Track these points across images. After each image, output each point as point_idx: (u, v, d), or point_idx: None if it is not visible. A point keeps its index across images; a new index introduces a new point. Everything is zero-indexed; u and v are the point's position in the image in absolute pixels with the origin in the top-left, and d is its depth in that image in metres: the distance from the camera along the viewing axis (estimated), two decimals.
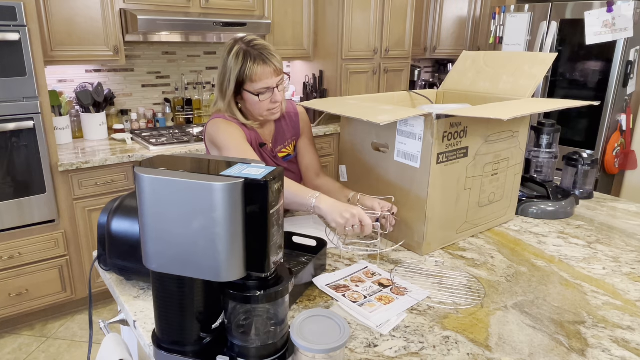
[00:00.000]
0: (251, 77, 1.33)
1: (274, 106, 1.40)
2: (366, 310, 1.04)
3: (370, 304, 1.07)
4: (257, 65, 1.32)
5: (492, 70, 1.67)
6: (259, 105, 1.37)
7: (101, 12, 2.50)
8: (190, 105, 3.18)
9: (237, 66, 1.33)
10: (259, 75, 1.33)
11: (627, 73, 3.14)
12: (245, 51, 1.33)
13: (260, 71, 1.33)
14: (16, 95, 2.14)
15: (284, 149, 1.55)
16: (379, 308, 1.06)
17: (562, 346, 0.95)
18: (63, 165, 2.28)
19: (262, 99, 1.36)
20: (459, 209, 1.39)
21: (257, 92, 1.35)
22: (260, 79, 1.33)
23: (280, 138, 1.54)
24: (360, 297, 1.10)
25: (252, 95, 1.35)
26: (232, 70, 1.34)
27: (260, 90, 1.35)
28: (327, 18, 3.28)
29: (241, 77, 1.34)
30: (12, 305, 2.35)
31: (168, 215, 0.71)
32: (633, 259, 1.34)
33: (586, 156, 1.82)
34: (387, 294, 1.12)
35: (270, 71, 1.34)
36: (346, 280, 1.18)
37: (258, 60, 1.32)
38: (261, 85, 1.34)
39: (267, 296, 0.75)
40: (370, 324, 1.00)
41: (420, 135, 1.26)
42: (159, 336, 0.82)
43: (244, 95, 1.37)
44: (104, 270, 1.17)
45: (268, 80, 1.34)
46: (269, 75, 1.34)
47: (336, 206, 1.23)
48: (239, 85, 1.36)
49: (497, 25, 3.58)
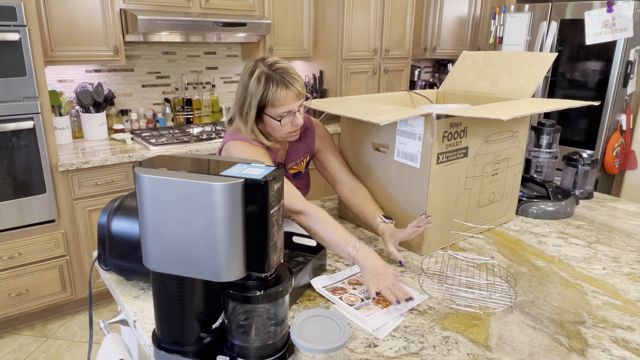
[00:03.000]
0: (273, 102, 1.29)
1: (295, 129, 1.37)
2: (362, 314, 1.03)
3: (367, 307, 1.06)
4: (279, 90, 1.28)
5: (492, 70, 1.67)
6: (280, 129, 1.34)
7: (101, 12, 2.50)
8: (190, 105, 3.18)
9: (259, 91, 1.29)
10: (282, 101, 1.29)
11: (627, 73, 3.14)
12: (268, 75, 1.29)
13: (283, 96, 1.29)
14: (16, 95, 2.14)
15: (295, 165, 1.52)
16: (376, 312, 1.05)
17: (562, 346, 0.95)
18: (63, 165, 2.28)
19: (284, 123, 1.33)
20: (459, 209, 1.39)
21: (279, 117, 1.32)
22: (283, 104, 1.30)
23: (294, 155, 1.51)
24: (357, 300, 1.09)
25: (274, 119, 1.33)
26: (254, 95, 1.30)
27: (282, 114, 1.31)
28: (327, 18, 3.28)
29: (263, 102, 1.30)
30: (12, 305, 2.35)
31: (168, 215, 0.71)
32: (633, 259, 1.34)
33: (586, 156, 1.82)
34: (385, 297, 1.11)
35: (292, 95, 1.30)
36: (343, 282, 1.17)
37: (281, 85, 1.28)
38: (283, 110, 1.31)
39: (267, 296, 0.75)
40: (366, 328, 1.00)
41: (420, 135, 1.26)
42: (159, 336, 0.82)
43: (264, 118, 1.34)
44: (104, 270, 1.17)
45: (290, 105, 1.31)
46: (291, 100, 1.30)
47: (375, 266, 1.13)
48: (260, 110, 1.33)
49: (497, 25, 3.58)
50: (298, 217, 1.26)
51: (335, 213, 1.64)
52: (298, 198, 1.28)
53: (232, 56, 3.35)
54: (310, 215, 1.24)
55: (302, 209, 1.25)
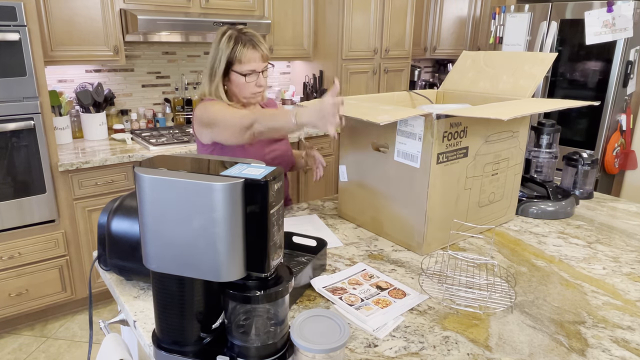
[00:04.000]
0: (240, 59, 1.45)
1: (258, 90, 1.51)
2: (363, 314, 1.03)
3: (367, 307, 1.06)
4: (246, 48, 1.45)
5: (492, 70, 1.67)
6: (244, 86, 1.48)
7: (101, 12, 2.50)
8: (190, 105, 3.18)
9: (228, 48, 1.45)
10: (248, 58, 1.45)
11: (627, 73, 3.14)
12: (237, 36, 1.45)
13: (249, 54, 1.45)
14: (16, 95, 2.14)
15: None
16: (376, 312, 1.05)
17: (562, 346, 0.95)
18: (63, 165, 2.28)
19: (248, 80, 1.47)
20: (459, 209, 1.39)
21: (245, 74, 1.46)
22: (249, 61, 1.45)
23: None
24: (357, 300, 1.09)
25: (240, 76, 1.47)
26: (223, 52, 1.45)
27: (247, 71, 1.46)
28: (327, 18, 3.28)
29: (231, 58, 1.45)
30: (12, 305, 2.35)
31: (168, 215, 0.71)
32: (633, 259, 1.34)
33: (586, 156, 1.82)
34: (385, 297, 1.11)
35: (257, 56, 1.46)
36: (344, 282, 1.17)
37: (248, 45, 1.45)
38: (249, 67, 1.46)
39: (267, 296, 0.75)
40: (366, 328, 1.00)
41: (420, 135, 1.26)
42: (159, 336, 0.82)
43: (231, 76, 1.48)
44: (104, 270, 1.17)
45: (255, 64, 1.46)
46: (256, 59, 1.46)
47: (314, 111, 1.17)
48: (228, 66, 1.47)
49: (497, 25, 3.58)
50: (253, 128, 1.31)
51: (335, 213, 1.64)
52: (242, 113, 1.38)
53: None
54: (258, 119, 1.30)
55: (253, 119, 1.31)
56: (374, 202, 1.47)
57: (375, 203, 1.46)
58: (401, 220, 1.37)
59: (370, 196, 1.48)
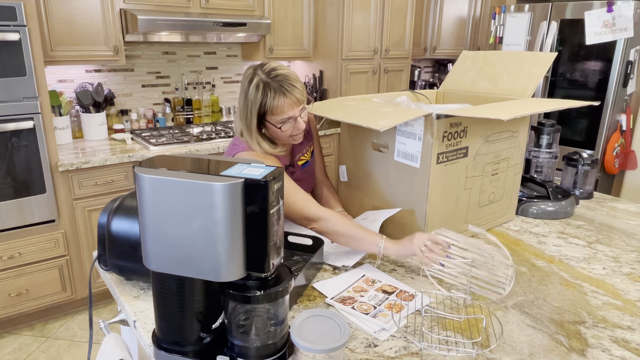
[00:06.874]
0: (272, 110, 1.30)
1: (297, 133, 1.38)
2: (382, 322, 1.01)
3: (383, 314, 1.04)
4: (277, 98, 1.29)
5: (492, 70, 1.67)
6: (281, 134, 1.36)
7: (101, 12, 2.50)
8: (190, 105, 3.18)
9: (258, 99, 1.30)
10: (280, 109, 1.30)
11: (627, 73, 3.14)
12: (266, 83, 1.29)
13: (281, 104, 1.29)
14: (16, 95, 2.14)
15: (302, 156, 1.53)
16: (395, 317, 1.03)
17: (562, 346, 0.95)
18: (63, 165, 2.28)
19: (284, 129, 1.34)
20: (459, 209, 1.39)
21: (279, 124, 1.33)
22: (282, 112, 1.30)
23: (299, 147, 1.53)
24: (369, 307, 1.07)
25: (275, 127, 1.34)
26: (253, 104, 1.31)
27: (282, 121, 1.32)
28: (327, 18, 3.28)
29: (262, 110, 1.31)
30: (12, 305, 2.35)
31: (168, 215, 0.71)
32: (633, 259, 1.34)
33: (586, 156, 1.82)
34: (395, 300, 1.10)
35: (290, 103, 1.30)
36: (349, 291, 1.14)
37: (278, 93, 1.29)
38: (283, 117, 1.31)
39: (267, 296, 0.75)
40: (390, 332, 0.99)
41: (420, 135, 1.26)
42: (159, 336, 0.82)
43: (266, 124, 1.36)
44: (104, 270, 1.17)
45: (289, 112, 1.31)
46: (290, 107, 1.31)
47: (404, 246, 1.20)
48: (261, 117, 1.34)
49: (497, 25, 3.58)
50: (317, 224, 1.28)
51: None
52: (314, 204, 1.31)
53: (232, 56, 3.35)
54: (328, 219, 1.26)
55: (320, 215, 1.27)
56: (374, 202, 1.47)
57: (376, 203, 1.46)
58: (401, 220, 1.37)
59: (370, 196, 1.48)
